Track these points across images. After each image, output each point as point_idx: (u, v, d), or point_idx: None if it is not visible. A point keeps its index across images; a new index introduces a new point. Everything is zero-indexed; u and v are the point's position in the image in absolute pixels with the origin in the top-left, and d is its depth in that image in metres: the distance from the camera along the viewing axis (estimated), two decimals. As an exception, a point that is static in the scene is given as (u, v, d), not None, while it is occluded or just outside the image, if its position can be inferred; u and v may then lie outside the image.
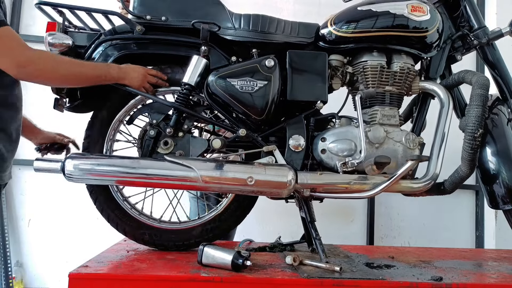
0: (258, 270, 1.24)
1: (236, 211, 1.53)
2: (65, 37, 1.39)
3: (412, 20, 1.43)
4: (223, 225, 1.52)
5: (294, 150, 1.44)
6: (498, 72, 1.56)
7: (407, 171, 1.38)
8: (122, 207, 1.50)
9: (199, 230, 1.51)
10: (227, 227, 1.54)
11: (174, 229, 1.51)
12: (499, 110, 1.50)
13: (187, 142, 1.44)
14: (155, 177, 1.32)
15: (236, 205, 1.52)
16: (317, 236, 1.40)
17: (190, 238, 1.50)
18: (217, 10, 1.48)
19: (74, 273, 1.14)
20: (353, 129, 1.44)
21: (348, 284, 1.17)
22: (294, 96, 1.44)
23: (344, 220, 2.94)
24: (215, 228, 1.52)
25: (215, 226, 1.52)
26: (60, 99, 1.49)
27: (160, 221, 1.52)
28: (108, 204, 1.49)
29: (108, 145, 1.50)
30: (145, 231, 1.49)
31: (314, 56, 1.47)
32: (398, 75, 1.49)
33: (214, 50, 1.46)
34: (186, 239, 1.50)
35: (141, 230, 1.49)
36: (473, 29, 1.56)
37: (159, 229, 1.50)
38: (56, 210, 2.76)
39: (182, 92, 1.42)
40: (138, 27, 1.45)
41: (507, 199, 1.43)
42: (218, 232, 1.53)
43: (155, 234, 1.50)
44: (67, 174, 1.30)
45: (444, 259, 1.63)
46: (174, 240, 1.50)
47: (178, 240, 1.50)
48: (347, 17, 1.47)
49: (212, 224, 1.52)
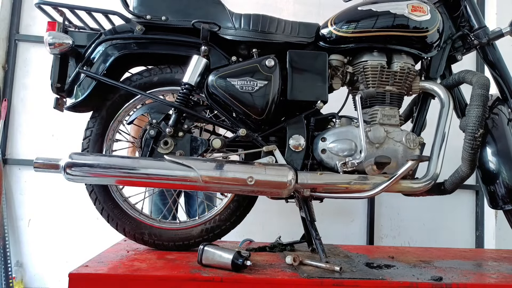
0: (258, 270, 1.24)
1: (236, 210, 1.53)
2: (65, 36, 1.39)
3: (412, 20, 1.43)
4: (222, 225, 1.53)
5: (294, 150, 1.44)
6: (499, 72, 1.56)
7: (407, 171, 1.38)
8: (122, 206, 1.49)
9: (199, 230, 1.51)
10: (227, 227, 1.54)
11: (173, 228, 1.51)
12: (499, 110, 1.50)
13: (187, 142, 1.44)
14: (155, 177, 1.32)
15: (236, 204, 1.52)
16: (317, 236, 1.40)
17: (190, 238, 1.50)
18: (217, 9, 1.48)
19: (74, 273, 1.14)
20: (353, 129, 1.44)
21: (348, 284, 1.17)
22: (294, 96, 1.44)
23: (344, 220, 2.94)
24: (215, 227, 1.52)
25: (215, 226, 1.52)
26: (60, 98, 1.49)
27: (159, 221, 1.53)
28: (108, 204, 1.49)
29: (108, 145, 1.50)
30: (144, 231, 1.49)
31: (314, 56, 1.47)
32: (399, 75, 1.49)
33: (214, 50, 1.46)
34: (185, 239, 1.50)
35: (141, 230, 1.49)
36: (474, 29, 1.56)
37: (159, 229, 1.50)
38: (56, 210, 2.76)
39: (182, 91, 1.42)
40: (138, 27, 1.45)
41: (507, 199, 1.43)
42: (218, 232, 1.53)
43: (154, 234, 1.50)
44: (67, 174, 1.30)
45: (444, 259, 1.63)
46: (174, 240, 1.50)
47: (177, 240, 1.50)
48: (347, 17, 1.47)
49: (212, 224, 1.52)
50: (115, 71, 1.47)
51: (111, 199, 1.49)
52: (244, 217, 1.56)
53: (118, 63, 1.45)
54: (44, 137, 2.80)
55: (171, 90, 1.52)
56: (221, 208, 1.53)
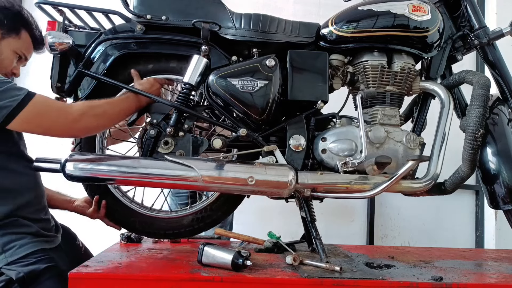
0: (258, 270, 1.24)
1: (227, 201, 1.52)
2: (65, 36, 1.39)
3: (413, 20, 1.43)
4: (213, 215, 1.52)
5: (295, 150, 1.44)
6: (499, 72, 1.56)
7: (407, 171, 1.38)
8: (113, 193, 1.50)
9: (190, 219, 1.51)
10: (217, 217, 1.54)
11: (164, 217, 1.51)
12: (499, 110, 1.50)
13: (188, 141, 1.43)
14: (155, 177, 1.32)
15: (227, 195, 1.52)
16: (318, 236, 1.40)
17: (180, 227, 1.50)
18: (217, 9, 1.48)
19: (74, 273, 1.14)
20: (353, 129, 1.44)
21: (348, 284, 1.17)
22: (295, 96, 1.44)
23: (344, 220, 2.94)
24: (206, 217, 1.51)
25: (206, 216, 1.51)
26: (60, 98, 1.48)
27: (150, 209, 1.52)
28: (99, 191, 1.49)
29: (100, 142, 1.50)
30: (135, 219, 1.49)
31: (314, 56, 1.47)
32: (399, 75, 1.48)
33: (214, 49, 1.45)
34: (176, 228, 1.50)
35: (132, 218, 1.49)
36: (474, 29, 1.55)
37: (149, 217, 1.50)
38: (55, 210, 2.75)
39: (182, 91, 1.42)
40: (138, 27, 1.44)
41: (507, 199, 1.43)
42: (209, 222, 1.53)
43: (145, 222, 1.50)
44: (67, 174, 1.29)
45: (444, 259, 1.63)
46: (165, 228, 1.50)
47: (168, 228, 1.50)
48: (347, 16, 1.47)
49: (203, 213, 1.51)
50: (115, 71, 1.47)
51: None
52: (236, 207, 1.55)
53: (118, 63, 1.45)
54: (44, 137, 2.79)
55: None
56: (213, 198, 1.52)
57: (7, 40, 1.37)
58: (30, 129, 1.27)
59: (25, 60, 1.46)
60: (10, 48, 1.38)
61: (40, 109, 1.23)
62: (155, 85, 1.45)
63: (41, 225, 1.34)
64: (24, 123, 1.22)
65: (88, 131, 1.37)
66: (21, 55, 1.43)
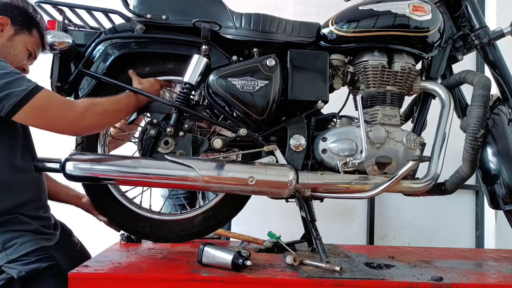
0: (258, 270, 1.24)
1: (236, 196, 1.51)
2: (65, 35, 1.38)
3: (413, 20, 1.43)
4: (224, 211, 1.51)
5: (295, 150, 1.44)
6: (499, 72, 1.56)
7: (408, 171, 1.38)
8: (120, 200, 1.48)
9: (201, 218, 1.50)
10: (228, 213, 1.53)
11: (175, 219, 1.50)
12: (500, 110, 1.50)
13: (188, 141, 1.43)
14: (155, 177, 1.32)
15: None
16: (318, 236, 1.39)
17: (192, 227, 1.49)
18: (218, 9, 1.48)
19: (74, 273, 1.14)
20: (354, 129, 1.44)
21: (348, 284, 1.17)
22: (295, 96, 1.44)
23: (344, 220, 2.94)
24: (217, 214, 1.50)
25: (217, 213, 1.50)
26: (61, 97, 1.48)
27: (159, 213, 1.52)
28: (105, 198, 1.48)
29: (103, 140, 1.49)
30: (145, 224, 1.48)
31: (315, 56, 1.47)
32: (399, 75, 1.48)
33: (214, 49, 1.45)
34: (188, 229, 1.49)
35: (141, 223, 1.48)
36: (474, 29, 1.55)
37: (159, 221, 1.49)
38: (55, 210, 2.74)
39: (182, 91, 1.42)
40: (138, 26, 1.44)
41: (507, 199, 1.43)
42: (221, 219, 1.51)
43: (155, 226, 1.49)
44: (67, 173, 1.29)
45: (444, 259, 1.63)
46: (176, 231, 1.49)
47: (180, 230, 1.49)
48: (348, 16, 1.47)
49: (214, 211, 1.50)
50: (115, 70, 1.46)
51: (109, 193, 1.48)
52: (246, 202, 1.54)
53: (118, 62, 1.44)
54: (44, 137, 2.78)
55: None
56: (222, 195, 1.51)
57: (21, 35, 1.40)
58: (35, 122, 1.27)
59: (33, 58, 1.48)
60: (23, 43, 1.40)
61: (46, 103, 1.23)
62: (155, 85, 1.45)
63: (41, 223, 1.34)
64: (29, 115, 1.22)
65: (90, 129, 1.36)
66: (32, 52, 1.45)
